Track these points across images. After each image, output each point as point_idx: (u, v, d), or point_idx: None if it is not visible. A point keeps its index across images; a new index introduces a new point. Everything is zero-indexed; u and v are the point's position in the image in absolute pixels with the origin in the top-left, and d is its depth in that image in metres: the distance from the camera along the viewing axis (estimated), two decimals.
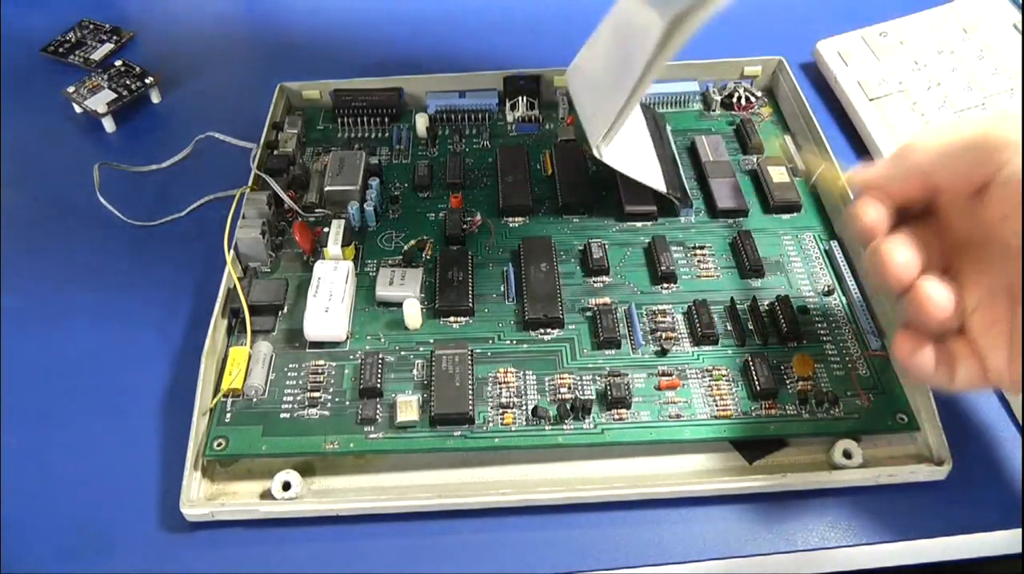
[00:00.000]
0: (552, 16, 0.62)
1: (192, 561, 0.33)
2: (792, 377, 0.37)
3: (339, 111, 0.50)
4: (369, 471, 0.35)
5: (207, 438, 0.35)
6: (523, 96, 0.51)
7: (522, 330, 0.39)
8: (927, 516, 0.34)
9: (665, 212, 0.44)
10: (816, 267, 0.41)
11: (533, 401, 0.36)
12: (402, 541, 0.33)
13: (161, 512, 0.34)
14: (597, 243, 0.42)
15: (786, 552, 0.33)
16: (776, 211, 0.44)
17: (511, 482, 0.35)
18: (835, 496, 0.34)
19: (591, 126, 0.42)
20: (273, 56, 0.60)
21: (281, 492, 0.33)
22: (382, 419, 0.35)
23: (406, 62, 0.54)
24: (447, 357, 0.37)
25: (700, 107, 0.51)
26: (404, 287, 0.40)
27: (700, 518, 0.34)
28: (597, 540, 0.33)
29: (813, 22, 0.52)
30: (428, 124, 0.49)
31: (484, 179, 0.47)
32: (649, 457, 0.35)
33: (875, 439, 0.35)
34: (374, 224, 0.44)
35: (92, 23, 0.62)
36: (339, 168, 0.45)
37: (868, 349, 0.38)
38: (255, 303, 0.39)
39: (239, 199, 0.43)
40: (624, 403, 0.35)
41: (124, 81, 0.54)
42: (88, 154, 0.51)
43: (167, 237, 0.46)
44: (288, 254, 0.43)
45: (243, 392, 0.36)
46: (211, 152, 0.50)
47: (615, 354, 0.38)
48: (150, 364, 0.39)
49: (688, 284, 0.41)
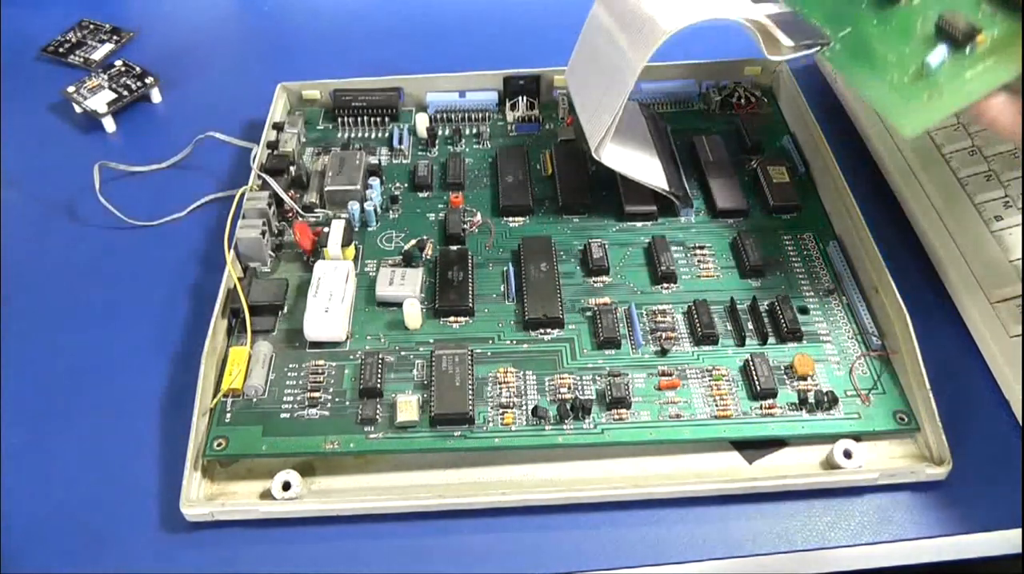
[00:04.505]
0: (552, 16, 0.62)
1: (192, 561, 0.33)
2: (792, 377, 0.37)
3: (339, 111, 0.50)
4: (369, 471, 0.35)
5: (207, 438, 0.35)
6: (523, 96, 0.51)
7: (522, 330, 0.39)
8: (927, 516, 0.34)
9: (665, 212, 0.44)
10: (816, 267, 0.41)
11: (533, 401, 0.36)
12: (402, 541, 0.33)
13: (161, 512, 0.34)
14: (597, 243, 0.42)
15: (786, 552, 0.33)
16: (776, 211, 0.44)
17: (511, 482, 0.35)
18: (835, 496, 0.34)
19: (589, 127, 0.42)
20: (273, 56, 0.60)
21: (281, 492, 0.33)
22: (382, 419, 0.35)
23: (406, 62, 0.54)
24: (447, 357, 0.37)
25: (700, 107, 0.51)
26: (404, 287, 0.40)
27: (700, 518, 0.34)
28: (597, 540, 0.33)
29: None
30: (428, 124, 0.49)
31: (484, 179, 0.47)
32: (649, 457, 0.35)
33: (875, 439, 0.35)
34: (374, 224, 0.44)
35: (92, 23, 0.62)
36: (339, 168, 0.45)
37: (868, 349, 0.38)
38: (255, 303, 0.39)
39: (239, 199, 0.43)
40: (624, 403, 0.35)
41: (124, 81, 0.54)
42: (88, 154, 0.51)
43: (167, 237, 0.46)
44: (288, 254, 0.43)
45: (243, 392, 0.36)
46: (211, 152, 0.50)
47: (615, 354, 0.38)
48: (150, 364, 0.39)
49: (688, 284, 0.41)
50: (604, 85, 0.41)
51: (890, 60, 0.35)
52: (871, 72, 0.36)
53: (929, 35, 0.34)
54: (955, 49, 0.33)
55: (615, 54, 0.40)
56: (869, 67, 0.36)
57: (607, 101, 0.40)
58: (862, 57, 0.37)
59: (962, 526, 0.33)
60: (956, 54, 0.33)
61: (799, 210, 0.44)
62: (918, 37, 0.35)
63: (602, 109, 0.40)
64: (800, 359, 0.37)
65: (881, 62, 0.36)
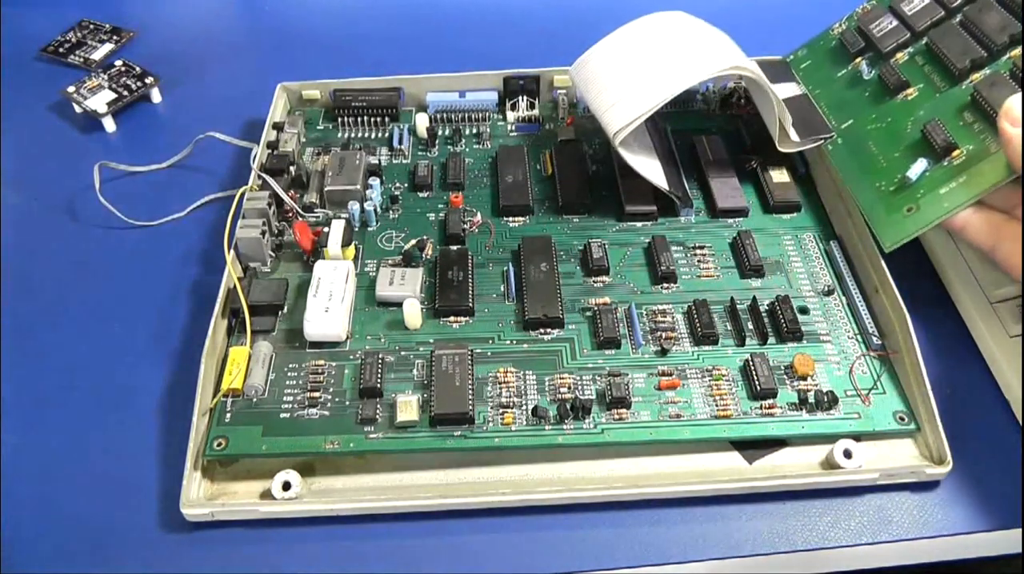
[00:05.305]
0: (552, 16, 0.62)
1: (192, 561, 0.33)
2: (792, 377, 0.37)
3: (339, 111, 0.50)
4: (369, 471, 0.35)
5: (207, 438, 0.35)
6: (523, 96, 0.51)
7: (522, 330, 0.39)
8: (927, 516, 0.34)
9: (665, 212, 0.44)
10: (816, 267, 0.41)
11: (533, 401, 0.36)
12: (402, 541, 0.33)
13: (161, 512, 0.34)
14: (597, 243, 0.42)
15: (786, 552, 0.33)
16: (776, 211, 0.44)
17: (511, 482, 0.35)
18: (835, 496, 0.34)
19: (609, 116, 0.41)
20: (273, 56, 0.60)
21: (281, 492, 0.33)
22: (382, 419, 0.35)
23: (406, 62, 0.53)
24: (447, 357, 0.37)
25: (700, 107, 0.51)
26: (404, 287, 0.40)
27: (700, 518, 0.34)
28: (597, 540, 0.33)
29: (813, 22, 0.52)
30: (428, 124, 0.49)
31: (484, 179, 0.47)
32: (649, 457, 0.35)
33: (875, 439, 0.35)
34: (374, 224, 0.44)
35: (92, 23, 0.62)
36: (339, 168, 0.45)
37: (868, 349, 0.38)
38: (255, 303, 0.39)
39: (239, 199, 0.43)
40: (624, 403, 0.35)
41: (124, 81, 0.54)
42: (88, 154, 0.51)
43: (167, 237, 0.46)
44: (288, 254, 0.43)
45: (243, 392, 0.36)
46: (211, 152, 0.50)
47: (615, 354, 0.38)
48: (150, 364, 0.39)
49: (688, 284, 0.41)
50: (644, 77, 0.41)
51: (881, 164, 0.40)
52: (863, 176, 0.41)
53: (916, 141, 0.39)
54: (934, 161, 0.38)
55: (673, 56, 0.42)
56: (862, 169, 0.41)
57: (643, 93, 0.41)
58: (858, 155, 0.41)
59: (962, 526, 0.33)
60: (935, 167, 0.38)
61: (799, 210, 0.44)
62: (906, 143, 0.40)
63: (633, 99, 0.41)
64: (800, 359, 0.37)
65: (874, 165, 0.40)
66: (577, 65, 0.45)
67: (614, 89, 0.42)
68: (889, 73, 0.42)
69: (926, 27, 0.42)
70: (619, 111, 0.41)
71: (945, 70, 0.40)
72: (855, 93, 0.44)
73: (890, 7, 0.44)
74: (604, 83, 0.43)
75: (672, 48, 0.42)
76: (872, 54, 0.44)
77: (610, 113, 0.41)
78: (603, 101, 0.42)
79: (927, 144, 0.38)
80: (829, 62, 0.46)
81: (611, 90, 0.42)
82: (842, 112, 0.44)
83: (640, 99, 0.40)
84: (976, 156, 0.36)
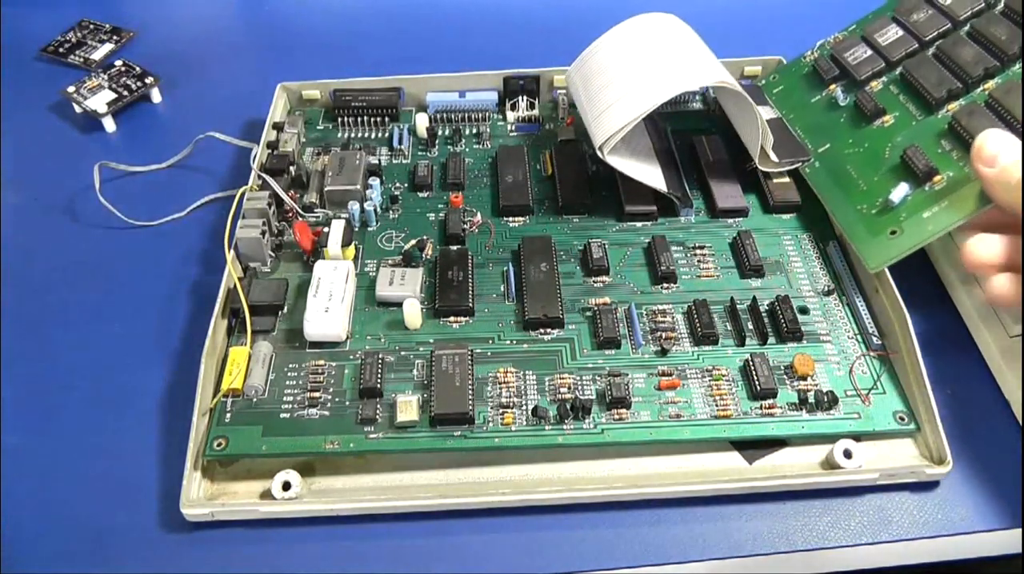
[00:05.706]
0: (552, 16, 0.62)
1: (192, 561, 0.33)
2: (792, 377, 0.37)
3: (339, 111, 0.50)
4: (369, 471, 0.35)
5: (207, 438, 0.35)
6: (523, 96, 0.51)
7: (522, 330, 0.39)
8: (927, 516, 0.34)
9: (665, 212, 0.44)
10: (816, 267, 0.41)
11: (533, 401, 0.36)
12: (402, 541, 0.33)
13: (161, 512, 0.34)
14: (597, 243, 0.42)
15: (786, 552, 0.33)
16: (776, 211, 0.44)
17: (511, 482, 0.35)
18: (835, 496, 0.34)
19: (596, 127, 0.42)
20: (273, 56, 0.60)
21: (281, 492, 0.33)
22: (382, 419, 0.35)
23: (406, 62, 0.54)
24: (447, 357, 0.37)
25: (700, 107, 0.51)
26: (404, 287, 0.40)
27: (700, 518, 0.34)
28: (597, 540, 0.33)
29: (813, 22, 0.52)
30: (428, 124, 0.49)
31: (484, 179, 0.47)
32: (649, 457, 0.35)
33: (875, 439, 0.35)
34: (374, 224, 0.44)
35: (92, 23, 0.62)
36: (339, 168, 0.45)
37: (868, 349, 0.38)
38: (255, 303, 0.39)
39: (239, 199, 0.43)
40: (624, 403, 0.35)
41: (124, 81, 0.54)
42: (88, 154, 0.51)
43: (167, 237, 0.46)
44: (288, 254, 0.43)
45: (243, 392, 0.36)
46: (211, 152, 0.50)
47: (615, 354, 0.38)
48: (150, 364, 0.39)
49: (688, 284, 0.41)
50: (627, 88, 0.41)
51: (861, 188, 0.40)
52: (844, 198, 0.41)
53: (896, 165, 0.39)
54: (915, 186, 0.38)
55: (656, 65, 0.41)
56: (843, 192, 0.41)
57: (626, 103, 0.40)
58: (837, 178, 0.41)
59: (962, 526, 0.33)
60: (916, 191, 0.38)
61: (799, 210, 0.44)
62: (886, 167, 0.40)
63: (618, 109, 0.41)
64: (800, 359, 0.37)
65: (854, 188, 0.40)
66: (567, 75, 0.45)
67: (598, 101, 0.42)
68: (866, 100, 0.42)
69: (900, 58, 0.42)
70: (603, 122, 0.41)
71: (921, 99, 0.40)
72: (831, 118, 0.44)
73: (863, 37, 0.45)
74: (591, 94, 0.43)
75: (655, 59, 0.42)
76: (847, 81, 0.44)
77: (594, 125, 0.42)
78: (589, 113, 0.43)
79: (907, 169, 0.38)
80: (803, 87, 0.47)
81: (596, 102, 0.42)
82: (818, 136, 0.44)
83: (622, 111, 0.40)
84: (957, 182, 0.36)
